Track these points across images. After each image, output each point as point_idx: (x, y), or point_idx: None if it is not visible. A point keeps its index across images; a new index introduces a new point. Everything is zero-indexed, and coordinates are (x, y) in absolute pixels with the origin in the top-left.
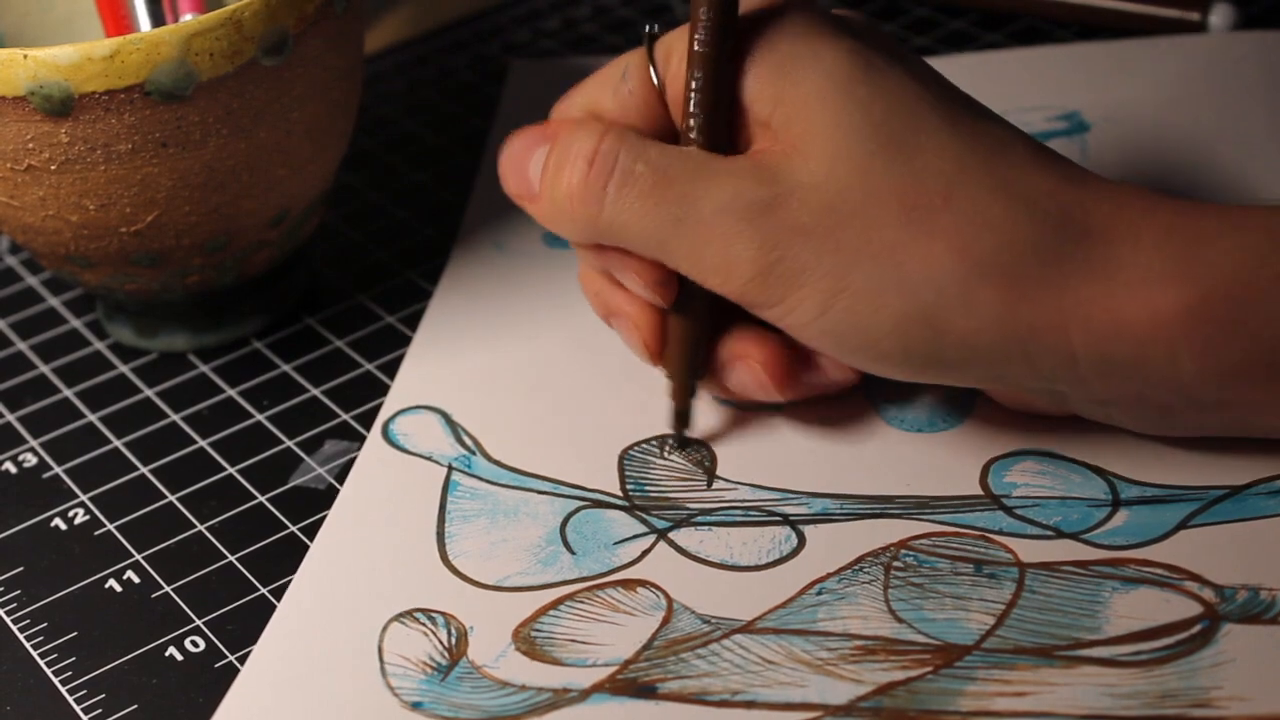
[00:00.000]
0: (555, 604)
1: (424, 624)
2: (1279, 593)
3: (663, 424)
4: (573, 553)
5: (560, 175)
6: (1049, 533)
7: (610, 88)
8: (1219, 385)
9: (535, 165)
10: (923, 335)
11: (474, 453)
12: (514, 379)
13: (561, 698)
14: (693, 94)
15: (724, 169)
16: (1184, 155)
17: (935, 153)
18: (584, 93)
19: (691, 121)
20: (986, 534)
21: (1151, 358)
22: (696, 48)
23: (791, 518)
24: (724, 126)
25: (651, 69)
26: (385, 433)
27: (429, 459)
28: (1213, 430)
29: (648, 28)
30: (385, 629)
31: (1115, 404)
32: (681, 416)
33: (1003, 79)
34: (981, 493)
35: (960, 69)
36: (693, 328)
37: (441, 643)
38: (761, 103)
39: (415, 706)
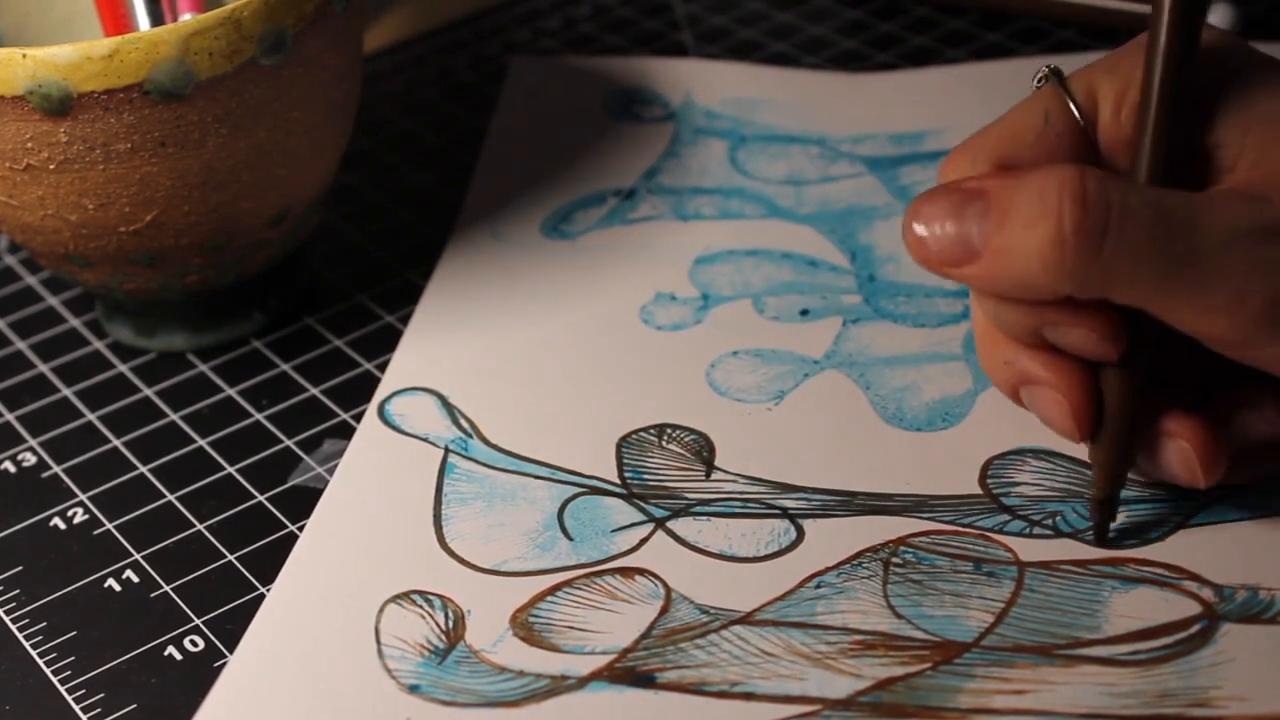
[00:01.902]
0: (553, 590)
1: (421, 606)
2: (1278, 592)
3: (658, 412)
4: (570, 539)
5: (1041, 225)
6: (1048, 532)
7: (1022, 136)
8: None
9: (971, 225)
10: None
11: (471, 436)
12: (511, 363)
13: (560, 684)
14: (1150, 128)
15: (1219, 197)
16: None
17: None
18: (987, 144)
19: (1152, 158)
20: (986, 532)
21: None
22: (1159, 76)
23: (790, 511)
24: (1186, 162)
25: (1075, 111)
26: (381, 413)
27: (425, 440)
28: None
29: (1046, 68)
30: (382, 610)
31: None
32: (1111, 502)
33: (1003, 85)
34: (981, 492)
35: (960, 77)
36: (1136, 391)
37: (439, 625)
38: (1227, 140)
39: (413, 689)
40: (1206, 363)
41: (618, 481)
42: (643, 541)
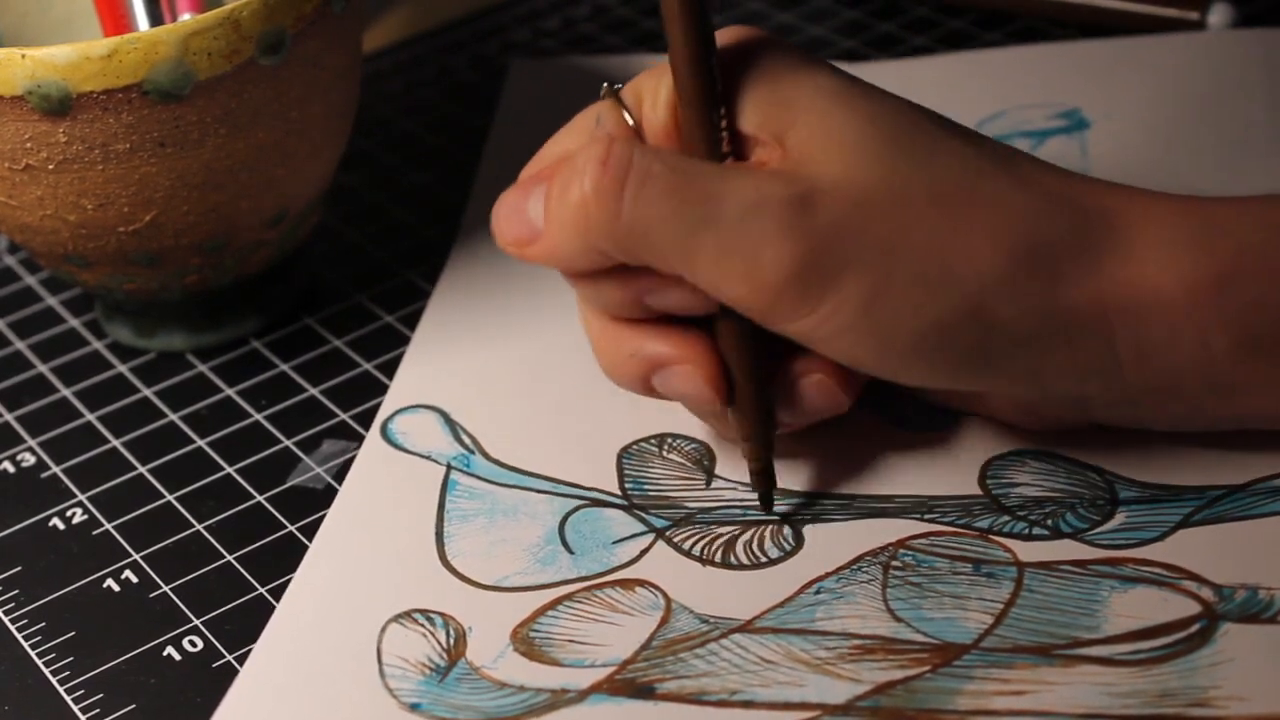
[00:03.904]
0: (554, 604)
1: (422, 624)
2: (1277, 592)
3: (659, 423)
4: (571, 552)
5: (570, 189)
6: (1047, 532)
7: (579, 138)
8: (1249, 364)
9: (534, 205)
10: (969, 328)
11: (473, 452)
12: (513, 378)
13: (560, 698)
14: (691, 111)
15: (744, 170)
16: (1183, 153)
17: (950, 155)
18: (554, 146)
19: (688, 135)
20: (985, 533)
21: (1184, 334)
22: (681, 59)
23: (790, 517)
24: (722, 146)
25: (624, 112)
26: (384, 432)
27: (428, 458)
28: (1228, 425)
29: (605, 85)
30: (384, 630)
31: (1144, 400)
32: (767, 470)
33: (1003, 76)
34: (981, 492)
35: (961, 67)
36: (752, 337)
37: (440, 643)
38: (758, 124)
39: (414, 708)
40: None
41: (619, 493)
42: (643, 552)
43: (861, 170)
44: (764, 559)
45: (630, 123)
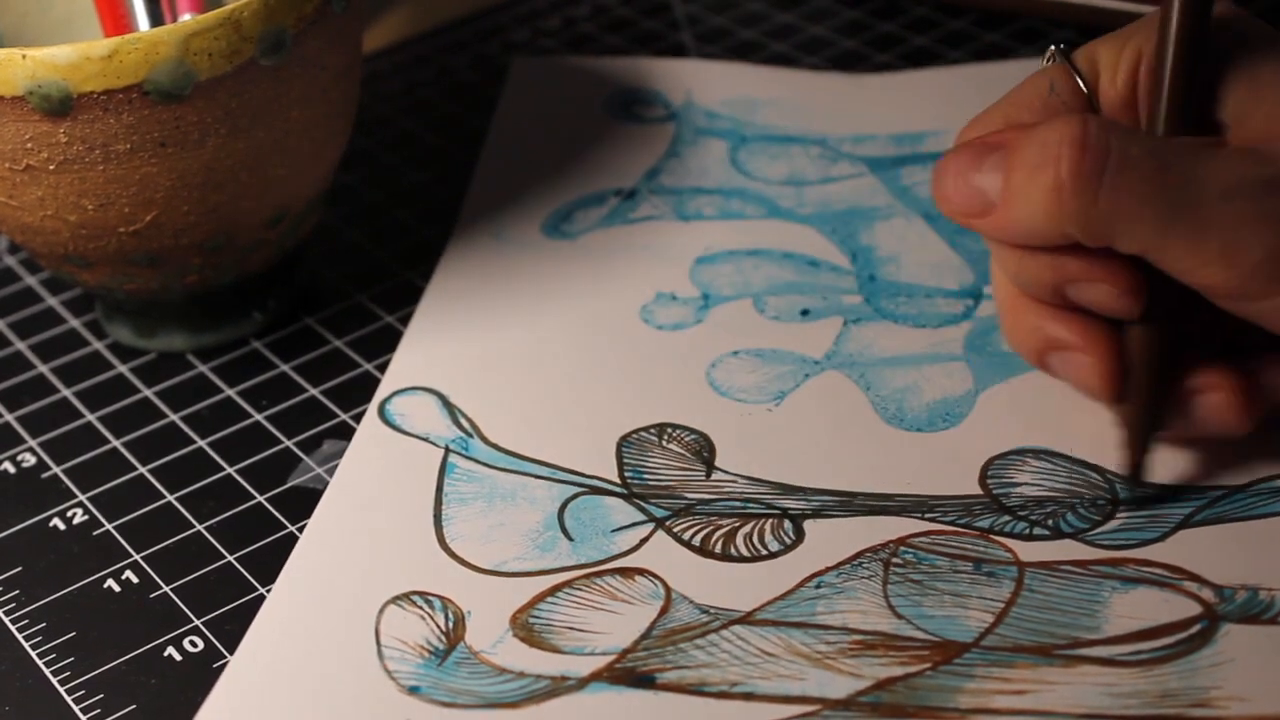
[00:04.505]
0: (553, 590)
1: (421, 607)
2: (1278, 593)
3: (658, 412)
4: (570, 539)
5: (1042, 171)
6: (1048, 532)
7: (1030, 104)
8: None
9: (988, 176)
10: None
11: (471, 435)
12: (512, 363)
13: (559, 685)
14: (1166, 93)
15: (1221, 152)
16: None
17: None
18: (998, 112)
19: (1162, 119)
20: (986, 533)
21: None
22: (1174, 36)
23: (790, 511)
24: (1196, 125)
25: (1077, 77)
26: (381, 413)
27: (425, 440)
28: None
29: (1055, 46)
30: (382, 611)
31: None
32: (1141, 458)
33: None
34: (981, 492)
35: (962, 78)
36: (1162, 347)
37: (439, 626)
38: (1230, 103)
39: (413, 691)
40: (1233, 329)
41: (618, 481)
42: (643, 541)
43: None
44: (764, 551)
45: (1085, 93)
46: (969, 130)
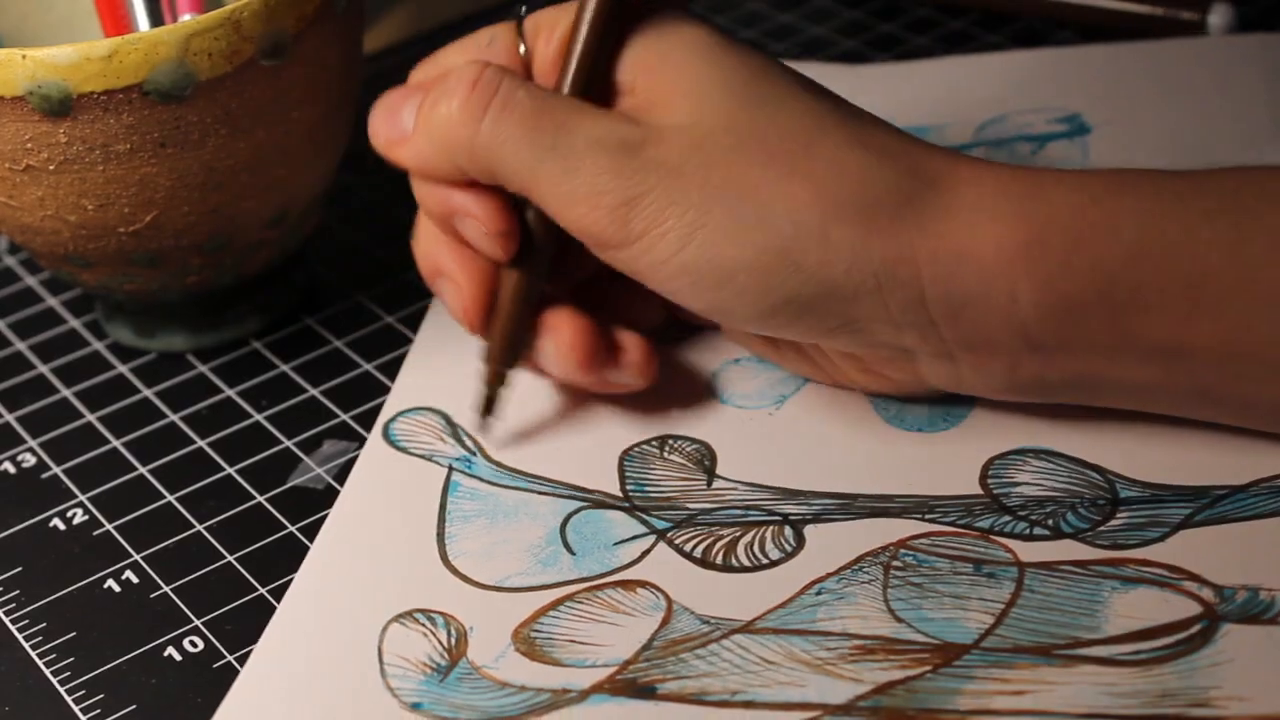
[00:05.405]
0: (555, 604)
1: (424, 624)
2: (1278, 593)
3: (660, 422)
4: (573, 553)
5: (440, 104)
6: (1048, 532)
7: (468, 55)
8: (1058, 322)
9: (408, 111)
10: (780, 268)
11: (474, 454)
12: (514, 381)
13: (561, 698)
14: (575, 57)
15: (599, 111)
16: (1185, 157)
17: (797, 111)
18: (445, 57)
19: (569, 80)
20: (986, 533)
21: (993, 291)
22: (584, 11)
23: (791, 517)
24: (596, 90)
25: (520, 40)
26: (386, 433)
27: (429, 459)
28: (1063, 392)
29: (521, 7)
30: (385, 630)
31: (963, 357)
32: (492, 391)
33: (1004, 81)
34: (981, 492)
35: (962, 69)
36: (525, 291)
37: (441, 643)
38: (629, 71)
39: (415, 707)
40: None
41: (620, 494)
42: (645, 554)
43: (705, 120)
44: (765, 560)
45: (522, 51)
46: (415, 73)
